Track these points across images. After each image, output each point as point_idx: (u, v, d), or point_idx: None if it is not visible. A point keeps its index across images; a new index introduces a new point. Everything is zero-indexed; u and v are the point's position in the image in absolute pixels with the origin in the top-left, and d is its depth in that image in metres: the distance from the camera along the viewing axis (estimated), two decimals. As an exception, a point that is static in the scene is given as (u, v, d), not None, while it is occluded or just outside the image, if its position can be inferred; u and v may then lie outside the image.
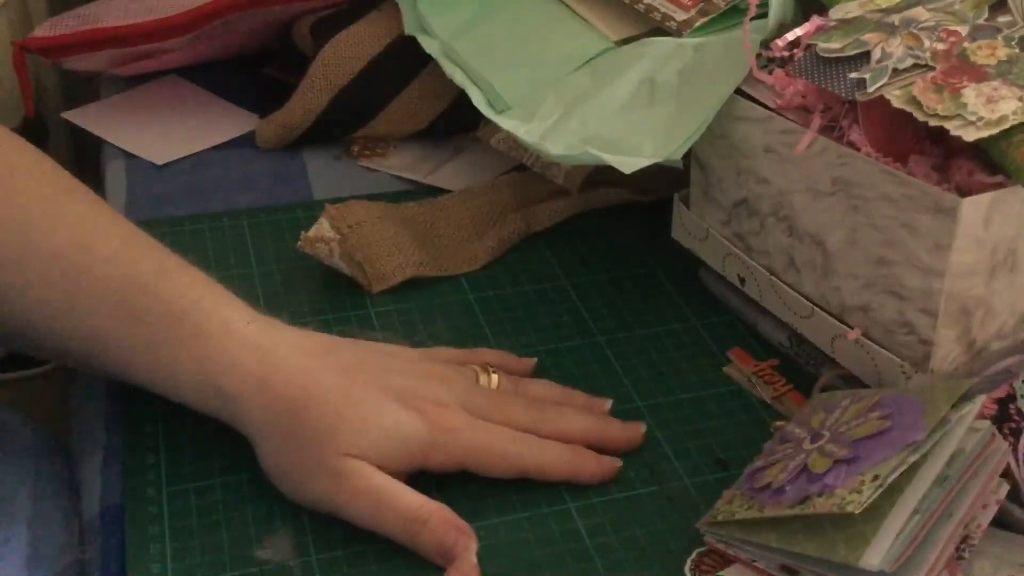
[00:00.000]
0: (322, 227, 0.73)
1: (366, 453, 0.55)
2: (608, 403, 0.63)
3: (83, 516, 0.60)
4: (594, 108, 0.70)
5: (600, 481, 0.59)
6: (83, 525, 0.60)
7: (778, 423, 0.61)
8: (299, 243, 0.73)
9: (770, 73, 0.63)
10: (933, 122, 0.54)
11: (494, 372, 0.62)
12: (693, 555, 0.54)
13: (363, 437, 0.55)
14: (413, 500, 0.55)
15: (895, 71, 0.56)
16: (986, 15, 0.59)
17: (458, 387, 0.59)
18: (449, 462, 0.57)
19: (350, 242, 0.73)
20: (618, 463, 0.60)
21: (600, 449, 0.60)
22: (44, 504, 0.62)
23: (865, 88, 0.56)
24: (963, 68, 0.56)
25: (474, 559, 0.53)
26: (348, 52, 0.86)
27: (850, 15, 0.61)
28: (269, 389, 0.56)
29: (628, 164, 0.65)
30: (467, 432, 0.57)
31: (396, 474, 0.56)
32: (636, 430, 0.62)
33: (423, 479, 0.58)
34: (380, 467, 0.55)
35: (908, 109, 0.55)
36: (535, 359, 0.67)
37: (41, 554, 0.59)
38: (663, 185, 0.78)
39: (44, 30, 0.89)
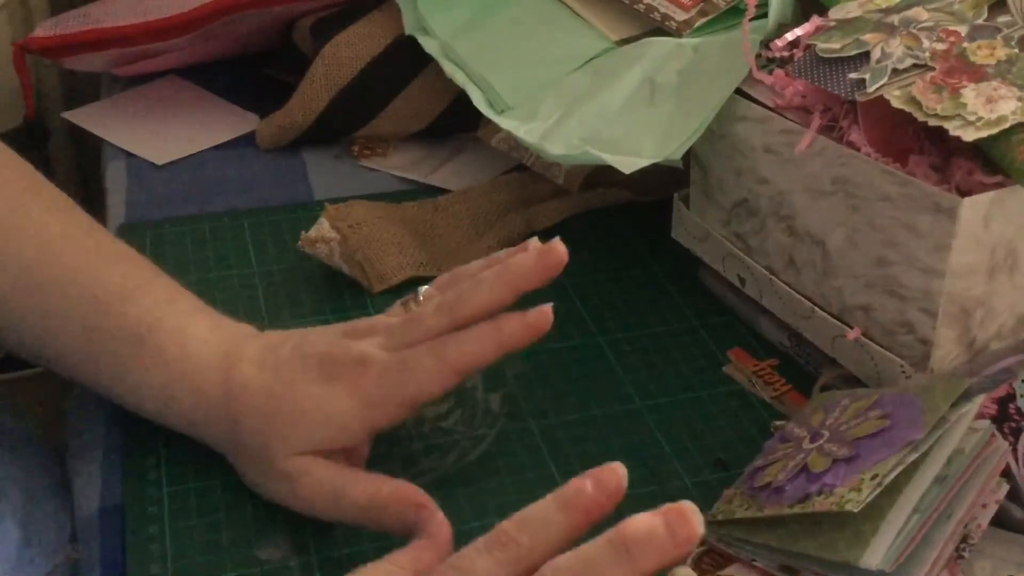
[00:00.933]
0: (322, 227, 0.73)
1: (305, 448, 0.55)
2: (525, 246, 0.57)
3: (77, 515, 0.60)
4: (594, 108, 0.70)
5: (536, 335, 0.55)
6: (77, 524, 0.60)
7: (778, 423, 0.61)
8: (299, 243, 0.73)
9: (770, 73, 0.63)
10: (933, 122, 0.54)
11: (421, 291, 0.59)
12: (693, 555, 0.54)
13: (299, 435, 0.55)
14: (368, 488, 0.54)
15: (895, 71, 0.56)
16: (986, 15, 0.59)
17: (376, 331, 0.57)
18: (391, 414, 0.55)
19: (350, 242, 0.73)
20: (545, 308, 0.55)
21: (524, 303, 0.55)
22: (35, 502, 0.62)
23: (865, 88, 0.56)
24: (963, 68, 0.56)
25: (439, 515, 0.51)
26: (348, 52, 0.86)
27: (850, 15, 0.61)
28: (221, 409, 0.57)
29: (628, 164, 0.65)
30: (386, 375, 0.54)
31: (353, 448, 0.56)
32: (548, 253, 0.55)
33: (421, 477, 0.58)
34: (330, 451, 0.55)
35: (908, 109, 0.55)
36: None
37: (33, 552, 0.59)
38: (663, 185, 0.78)
39: (44, 30, 0.89)
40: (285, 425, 0.55)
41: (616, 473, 0.44)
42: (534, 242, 0.57)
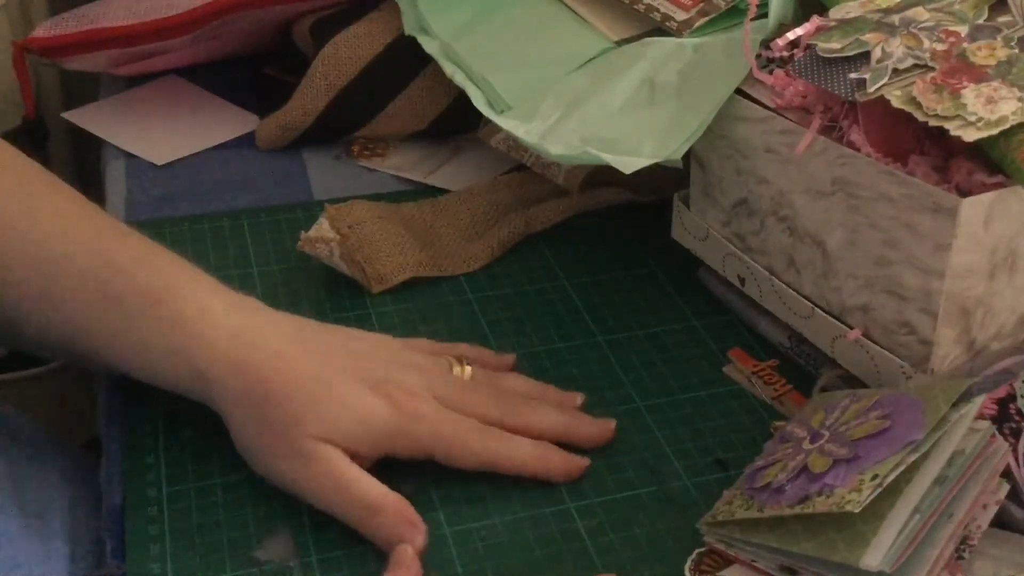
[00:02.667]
0: (322, 227, 0.73)
1: (334, 436, 0.56)
2: (580, 398, 0.64)
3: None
4: (594, 108, 0.70)
5: (566, 479, 0.59)
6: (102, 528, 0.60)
7: (778, 423, 0.61)
8: (299, 243, 0.73)
9: (770, 73, 0.63)
10: (933, 122, 0.54)
11: (468, 364, 0.63)
12: (693, 555, 0.54)
13: (332, 420, 0.56)
14: (372, 489, 0.56)
15: (895, 71, 0.56)
16: (986, 15, 0.59)
17: (431, 376, 0.60)
18: (415, 449, 0.58)
19: (350, 242, 0.73)
20: (585, 462, 0.60)
21: (569, 444, 0.60)
22: (77, 513, 0.62)
23: (865, 88, 0.56)
24: (963, 68, 0.56)
25: (411, 551, 0.53)
26: (348, 52, 0.86)
27: (850, 15, 0.61)
28: (244, 371, 0.57)
29: (628, 164, 0.65)
30: (434, 421, 0.58)
31: (363, 458, 0.57)
32: (606, 427, 0.62)
33: (421, 477, 0.58)
34: (347, 450, 0.56)
35: (908, 109, 0.55)
36: (513, 355, 0.67)
37: (77, 567, 0.59)
38: (663, 185, 0.78)
39: (44, 30, 0.89)
40: (324, 408, 0.56)
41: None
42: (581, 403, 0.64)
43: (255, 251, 0.77)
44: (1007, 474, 0.53)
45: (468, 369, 0.62)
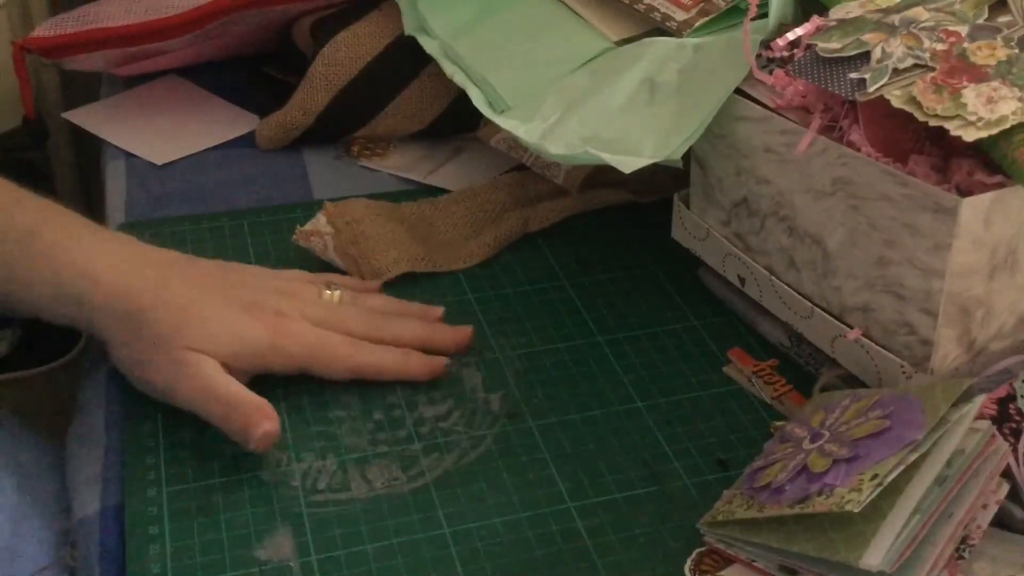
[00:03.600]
0: (318, 221, 0.73)
1: (208, 348, 0.60)
2: (440, 311, 0.69)
3: (76, 516, 0.60)
4: (594, 108, 0.70)
5: (428, 377, 0.65)
6: (76, 525, 0.60)
7: (778, 423, 0.61)
8: (294, 236, 0.73)
9: (770, 73, 0.63)
10: (933, 122, 0.54)
11: (336, 289, 0.67)
12: (693, 555, 0.54)
13: (207, 335, 0.61)
14: (236, 389, 0.60)
15: (895, 71, 0.56)
16: (986, 15, 0.59)
17: (301, 300, 0.65)
18: (289, 364, 0.63)
19: (344, 236, 0.73)
20: (444, 360, 0.65)
21: (432, 352, 0.66)
22: (30, 501, 0.63)
23: (865, 88, 0.56)
24: (963, 68, 0.56)
25: (258, 434, 0.58)
26: (348, 52, 0.86)
27: (850, 15, 0.61)
28: (123, 296, 0.61)
29: (628, 164, 0.65)
30: (305, 337, 0.63)
31: (238, 371, 0.61)
32: (462, 332, 0.67)
33: (423, 480, 0.58)
34: (223, 365, 0.60)
35: (908, 109, 0.55)
36: (379, 281, 0.71)
37: (22, 550, 0.60)
38: (663, 185, 0.78)
39: (44, 30, 0.89)
40: (199, 325, 0.61)
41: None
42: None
43: (255, 251, 0.77)
44: (1007, 474, 0.53)
45: (337, 293, 0.67)
